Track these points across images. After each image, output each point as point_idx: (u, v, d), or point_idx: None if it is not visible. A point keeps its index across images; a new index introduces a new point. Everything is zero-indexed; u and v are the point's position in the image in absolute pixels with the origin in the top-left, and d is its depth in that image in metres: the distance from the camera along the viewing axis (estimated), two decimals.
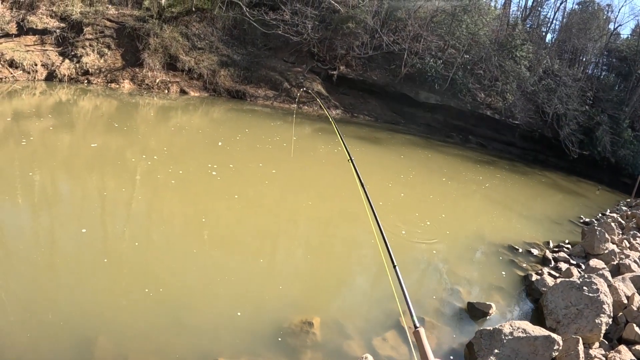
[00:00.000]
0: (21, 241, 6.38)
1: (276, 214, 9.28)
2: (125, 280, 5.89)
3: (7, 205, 7.38)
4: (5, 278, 5.42)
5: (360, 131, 21.10)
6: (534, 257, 9.59)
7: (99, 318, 5.05)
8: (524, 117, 26.55)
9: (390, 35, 26.69)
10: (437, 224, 10.56)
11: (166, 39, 21.42)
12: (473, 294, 7.31)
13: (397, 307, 6.22)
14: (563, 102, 26.36)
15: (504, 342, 5.22)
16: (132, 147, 11.79)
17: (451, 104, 26.48)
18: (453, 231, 10.30)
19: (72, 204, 7.96)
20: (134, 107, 17.38)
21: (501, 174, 19.15)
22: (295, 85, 24.27)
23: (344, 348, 5.25)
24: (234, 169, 11.22)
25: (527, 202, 15.80)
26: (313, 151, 15.51)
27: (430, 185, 14.46)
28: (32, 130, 11.58)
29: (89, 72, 19.27)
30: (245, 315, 5.56)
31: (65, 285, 5.55)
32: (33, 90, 16.43)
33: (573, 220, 13.81)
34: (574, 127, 25.97)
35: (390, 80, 26.46)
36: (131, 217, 7.91)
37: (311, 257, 7.89)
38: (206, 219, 8.33)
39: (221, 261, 6.88)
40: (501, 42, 27.68)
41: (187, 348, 4.86)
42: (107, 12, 21.31)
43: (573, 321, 6.13)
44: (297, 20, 24.58)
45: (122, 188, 8.90)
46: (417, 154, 19.10)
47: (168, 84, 20.81)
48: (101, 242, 6.80)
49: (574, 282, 6.62)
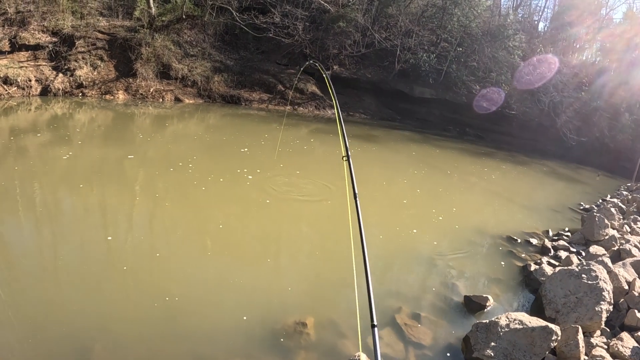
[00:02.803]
0: (22, 254, 6.44)
1: (273, 218, 9.24)
2: (124, 288, 5.91)
3: (8, 220, 7.41)
4: (4, 288, 5.45)
5: (356, 129, 21.05)
6: (533, 246, 9.53)
7: (96, 326, 5.08)
8: (520, 107, 26.50)
9: (382, 32, 26.65)
10: (435, 217, 10.55)
11: (158, 47, 21.45)
12: (470, 287, 7.25)
13: (393, 304, 6.27)
14: (559, 90, 26.30)
15: (500, 335, 5.18)
16: (128, 157, 11.77)
17: (446, 97, 26.46)
18: (448, 225, 10.25)
19: (72, 217, 7.98)
20: (130, 117, 17.38)
21: (500, 164, 19.09)
22: (290, 87, 24.29)
23: (338, 347, 5.22)
24: (231, 173, 11.22)
25: (526, 192, 15.72)
26: (311, 153, 15.49)
27: (428, 180, 14.40)
28: (30, 145, 11.60)
29: (83, 84, 19.31)
30: (239, 318, 5.55)
31: (60, 293, 5.57)
32: (28, 106, 16.45)
33: (573, 207, 13.74)
34: (570, 114, 25.91)
35: (384, 77, 26.44)
36: (131, 226, 7.93)
37: (304, 259, 7.86)
38: (206, 225, 8.32)
39: (215, 266, 6.86)
40: (493, 33, 27.59)
41: (182, 352, 4.87)
42: (98, 25, 21.34)
43: (572, 310, 6.07)
44: (287, 22, 24.56)
45: (122, 198, 8.92)
46: (414, 149, 19.05)
47: (162, 93, 20.82)
48: (101, 250, 6.80)
49: (573, 270, 6.57)
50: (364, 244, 3.77)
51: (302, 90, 24.64)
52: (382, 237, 8.97)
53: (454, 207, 11.72)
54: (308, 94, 24.65)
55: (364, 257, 3.59)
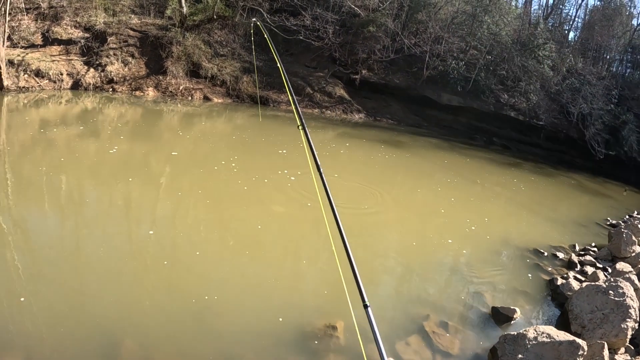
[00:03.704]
0: (50, 247, 6.66)
1: (303, 219, 9.37)
2: (152, 285, 6.05)
3: (37, 212, 7.66)
4: (36, 283, 5.64)
5: (383, 135, 21.09)
6: (560, 260, 9.50)
7: (126, 322, 5.21)
8: (549, 118, 26.22)
9: (411, 37, 26.60)
10: (468, 227, 10.59)
11: (189, 46, 21.73)
12: (497, 298, 7.28)
13: (421, 311, 6.33)
14: (588, 102, 25.94)
15: (527, 347, 5.21)
16: (156, 152, 12.04)
17: (474, 105, 26.27)
18: (477, 235, 10.27)
19: (99, 210, 8.22)
20: (159, 114, 17.69)
21: (526, 176, 18.94)
22: (318, 90, 24.39)
23: (367, 352, 5.29)
24: (260, 174, 11.40)
25: (552, 205, 15.61)
26: (348, 157, 15.63)
27: (461, 189, 14.43)
28: (60, 137, 11.92)
29: (114, 80, 19.65)
30: (269, 319, 5.66)
31: (92, 289, 5.73)
32: (59, 99, 16.85)
33: (599, 222, 13.61)
34: (599, 127, 25.51)
35: (412, 83, 26.38)
36: (158, 223, 8.11)
37: (335, 263, 7.94)
38: (233, 225, 8.48)
39: (246, 267, 7.00)
40: (523, 41, 27.37)
41: (211, 351, 4.98)
42: (130, 22, 21.74)
43: (598, 326, 6.08)
44: (317, 25, 24.65)
45: (148, 194, 9.17)
46: (440, 156, 19.01)
47: (192, 91, 21.08)
48: (129, 247, 6.99)
49: (600, 286, 6.57)
50: (339, 222, 3.68)
51: (330, 94, 24.72)
52: (415, 244, 9.08)
53: (486, 217, 11.73)
54: (336, 98, 24.72)
55: (341, 235, 3.52)
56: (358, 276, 3.03)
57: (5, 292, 5.34)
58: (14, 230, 7.03)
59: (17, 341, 4.64)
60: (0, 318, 4.92)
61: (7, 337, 4.67)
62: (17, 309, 5.08)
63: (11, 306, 5.12)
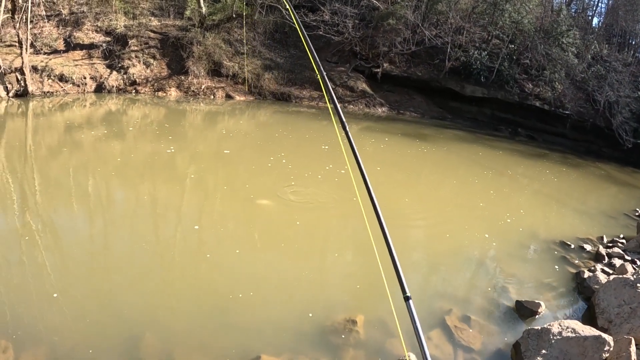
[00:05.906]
0: (76, 245, 6.83)
1: (331, 214, 9.39)
2: (173, 280, 6.14)
3: (66, 212, 7.84)
4: (62, 278, 5.82)
5: (407, 128, 21.00)
6: (587, 253, 9.33)
7: (147, 316, 5.34)
8: (574, 107, 25.74)
9: (432, 29, 26.34)
10: (499, 221, 10.51)
11: (209, 46, 21.91)
12: (522, 292, 7.18)
13: (444, 305, 6.28)
14: (614, 89, 25.36)
15: (552, 343, 5.13)
16: (181, 152, 12.16)
17: (498, 96, 25.92)
18: (510, 227, 10.18)
19: (126, 209, 8.42)
20: (182, 113, 17.88)
21: (552, 167, 18.63)
22: (340, 85, 24.34)
23: (386, 347, 5.28)
24: (288, 168, 11.56)
25: (580, 196, 15.33)
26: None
27: (496, 181, 14.38)
28: (86, 139, 12.15)
29: (136, 82, 19.93)
30: (290, 313, 5.71)
31: (115, 285, 5.87)
32: (83, 102, 17.16)
33: (628, 213, 13.31)
34: (627, 115, 24.91)
35: (434, 75, 26.13)
36: (181, 220, 8.21)
37: (357, 257, 7.94)
38: (257, 221, 8.55)
39: (267, 262, 7.04)
40: (546, 29, 26.84)
41: (231, 345, 5.04)
42: (150, 24, 22.05)
43: (626, 320, 5.95)
44: (337, 20, 24.60)
45: (173, 192, 9.32)
46: (465, 149, 18.80)
47: (213, 90, 21.24)
48: (152, 243, 7.10)
49: (628, 279, 6.43)
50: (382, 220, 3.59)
51: (352, 88, 24.66)
52: (449, 235, 9.07)
53: (522, 209, 11.68)
54: (358, 92, 24.65)
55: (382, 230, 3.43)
56: (399, 268, 2.98)
57: (39, 289, 5.50)
58: (62, 232, 7.16)
59: (42, 335, 4.77)
60: (32, 313, 5.07)
61: (34, 330, 4.81)
62: (48, 305, 5.23)
63: (42, 301, 5.28)
